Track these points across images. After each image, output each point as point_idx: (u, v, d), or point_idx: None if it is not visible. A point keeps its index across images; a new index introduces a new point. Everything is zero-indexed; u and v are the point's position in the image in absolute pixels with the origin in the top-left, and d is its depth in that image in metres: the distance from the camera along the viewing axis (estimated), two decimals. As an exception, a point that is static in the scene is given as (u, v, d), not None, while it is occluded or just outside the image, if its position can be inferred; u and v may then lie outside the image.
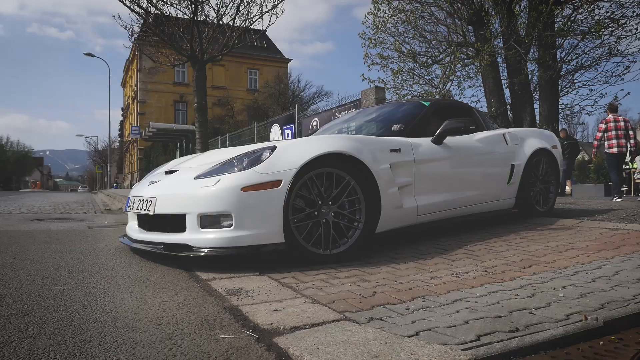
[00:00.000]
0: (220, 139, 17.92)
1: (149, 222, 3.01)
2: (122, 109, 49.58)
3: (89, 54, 29.56)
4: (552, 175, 4.68)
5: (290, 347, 1.40)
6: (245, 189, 2.56)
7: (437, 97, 11.87)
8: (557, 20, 10.67)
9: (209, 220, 2.62)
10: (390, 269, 2.58)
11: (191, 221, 2.64)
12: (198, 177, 2.77)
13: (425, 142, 3.49)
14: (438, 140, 3.56)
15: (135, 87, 36.26)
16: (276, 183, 2.61)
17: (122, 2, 9.46)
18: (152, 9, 9.93)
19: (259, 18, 10.40)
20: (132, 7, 9.56)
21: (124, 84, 47.31)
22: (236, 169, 2.67)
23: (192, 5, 9.76)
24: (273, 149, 2.76)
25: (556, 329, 1.52)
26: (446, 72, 11.69)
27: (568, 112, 11.86)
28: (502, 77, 11.39)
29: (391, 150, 3.16)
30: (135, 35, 11.06)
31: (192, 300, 2.02)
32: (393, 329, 1.55)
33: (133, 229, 3.17)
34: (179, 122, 34.06)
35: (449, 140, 3.65)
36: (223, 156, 3.03)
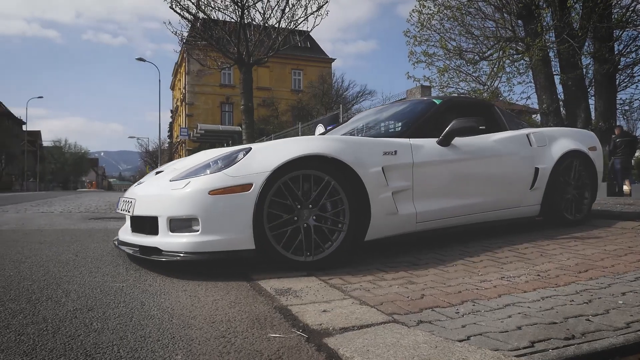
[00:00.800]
0: (265, 140, 18.22)
1: (133, 223, 2.94)
2: (171, 111, 51.24)
3: (140, 59, 30.72)
4: (586, 180, 4.23)
5: (340, 348, 1.42)
6: (213, 192, 2.47)
7: (484, 94, 11.58)
8: (615, 11, 10.16)
9: (177, 224, 2.56)
10: (438, 271, 2.55)
11: (162, 224, 2.59)
12: (173, 179, 2.71)
13: (429, 143, 3.25)
14: (445, 141, 3.29)
15: (183, 90, 37.41)
16: (246, 187, 2.49)
17: (173, 9, 9.80)
18: (201, 15, 10.22)
19: (303, 20, 10.51)
20: (182, 13, 9.88)
21: (172, 87, 48.89)
22: (208, 171, 2.60)
23: (239, 9, 9.98)
24: (247, 150, 2.66)
25: (615, 338, 1.46)
26: (494, 69, 11.37)
27: (627, 107, 11.28)
28: (554, 73, 10.96)
29: (385, 153, 2.95)
30: (184, 40, 11.41)
31: (242, 299, 2.08)
32: (443, 333, 1.54)
33: (125, 230, 3.11)
34: (225, 123, 34.86)
35: (458, 141, 3.37)
36: (210, 157, 2.89)
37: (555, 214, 4.02)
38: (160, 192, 2.70)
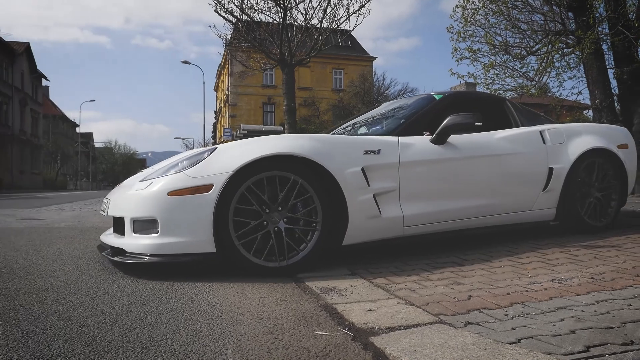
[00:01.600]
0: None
1: (113, 224, 2.90)
2: (215, 112, 52.43)
3: (185, 62, 31.61)
4: (613, 181, 3.80)
5: (387, 348, 1.42)
6: (172, 193, 2.42)
7: (532, 90, 11.20)
8: (676, -1, 9.59)
9: (140, 225, 2.53)
10: (485, 272, 2.50)
11: (127, 225, 2.57)
12: (142, 179, 2.67)
13: (421, 141, 3.04)
14: (439, 139, 3.05)
15: (226, 91, 38.19)
16: (206, 188, 2.41)
17: (217, 12, 10.03)
18: (244, 17, 10.42)
19: (345, 19, 10.51)
20: (226, 16, 10.11)
21: (216, 89, 50.01)
22: (172, 171, 2.55)
23: (282, 10, 10.10)
24: (212, 150, 2.60)
25: (679, 345, 1.39)
26: (543, 64, 10.98)
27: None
28: (607, 67, 10.45)
29: (367, 152, 2.78)
30: (228, 42, 11.66)
31: (288, 297, 2.12)
32: (492, 335, 1.51)
33: (107, 232, 3.07)
34: (267, 123, 35.33)
35: (456, 139, 3.13)
36: (182, 156, 2.81)
37: (574, 219, 3.61)
38: (127, 193, 2.68)
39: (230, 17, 10.18)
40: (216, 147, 2.62)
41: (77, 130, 51.65)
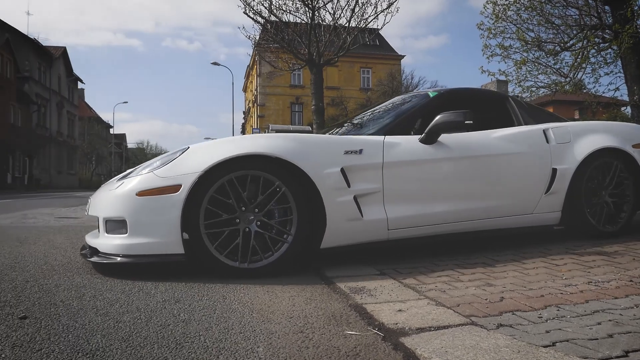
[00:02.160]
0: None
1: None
2: (244, 112, 53.00)
3: (215, 63, 32.03)
4: (627, 183, 3.52)
5: (418, 348, 1.41)
6: (140, 193, 2.41)
7: (566, 87, 10.90)
8: None
9: (112, 225, 2.52)
10: (518, 273, 2.45)
11: (101, 225, 2.58)
12: (119, 179, 2.67)
13: (408, 141, 2.91)
14: (428, 139, 2.90)
15: (255, 92, 38.56)
16: (175, 188, 2.38)
17: (246, 14, 10.16)
18: (272, 18, 10.51)
19: (374, 18, 10.48)
20: (254, 18, 10.22)
21: (245, 89, 50.54)
22: (145, 171, 2.53)
23: (310, 11, 10.14)
24: (184, 150, 2.57)
25: None
26: (578, 59, 10.68)
27: None
28: (647, 61, 10.07)
29: (347, 152, 2.68)
30: (255, 43, 11.77)
31: (318, 296, 2.13)
32: (525, 338, 1.49)
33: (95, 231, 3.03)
34: (295, 123, 35.50)
35: (448, 138, 2.97)
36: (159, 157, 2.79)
37: (581, 224, 3.37)
38: (104, 193, 2.69)
39: (259, 18, 10.31)
40: (188, 147, 2.60)
41: (111, 131, 53.08)
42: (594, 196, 3.44)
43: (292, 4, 10.09)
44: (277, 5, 10.11)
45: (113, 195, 2.53)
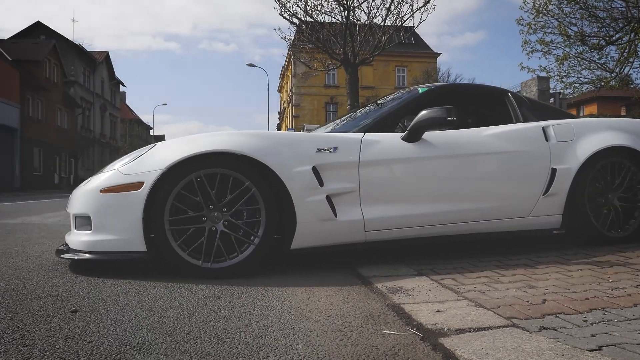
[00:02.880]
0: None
1: None
2: (279, 113, 53.49)
3: (251, 65, 32.46)
4: (639, 185, 3.25)
5: (457, 349, 1.40)
6: (104, 190, 2.41)
7: (612, 82, 10.49)
8: None
9: (80, 222, 2.54)
10: (561, 275, 2.38)
11: (71, 221, 2.62)
12: (96, 175, 2.65)
13: (390, 139, 2.79)
14: (410, 137, 2.77)
15: (290, 92, 38.86)
16: (137, 185, 2.36)
17: (282, 15, 10.25)
18: (308, 18, 10.58)
19: (410, 16, 10.39)
20: (290, 19, 10.31)
21: (280, 90, 51.01)
22: (114, 167, 2.53)
23: (345, 11, 10.15)
24: (151, 147, 2.56)
25: None
26: (624, 54, 10.26)
27: None
28: (700, 54, 9.58)
29: (320, 150, 2.60)
30: (291, 44, 11.87)
31: (355, 295, 2.14)
32: (569, 341, 1.45)
33: None
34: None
35: (434, 136, 2.83)
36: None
37: (584, 228, 3.13)
38: (77, 189, 2.69)
39: (295, 20, 10.39)
40: (155, 144, 2.60)
41: (151, 132, 54.68)
42: (601, 198, 3.19)
43: (327, 4, 10.16)
44: (313, 6, 10.20)
45: (81, 192, 2.56)
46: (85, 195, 2.50)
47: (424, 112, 2.71)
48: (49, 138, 29.11)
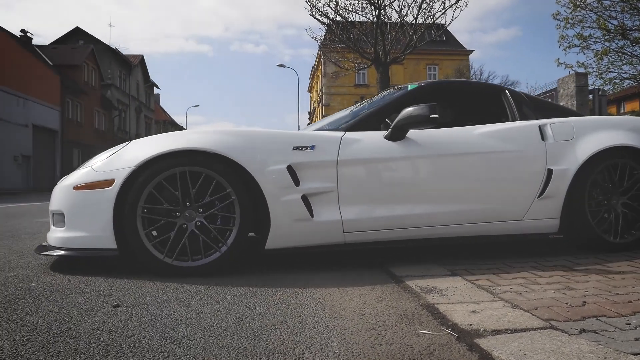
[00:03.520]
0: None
1: None
2: (309, 113, 53.66)
3: (281, 65, 32.71)
4: None
5: (494, 350, 1.38)
6: (77, 187, 2.43)
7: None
8: None
9: (56, 218, 2.57)
10: (601, 277, 2.32)
11: (50, 217, 2.64)
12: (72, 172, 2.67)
13: (372, 137, 2.71)
14: (394, 135, 2.68)
15: (320, 92, 38.96)
16: (108, 182, 2.37)
17: (313, 16, 10.30)
18: (338, 18, 10.60)
19: (442, 14, 10.26)
20: (321, 19, 10.35)
21: (310, 90, 51.20)
22: (88, 165, 2.55)
23: (376, 9, 10.11)
24: (126, 145, 2.57)
25: None
26: (668, 48, 9.83)
27: None
28: None
29: (297, 148, 2.54)
30: (320, 43, 11.91)
31: (388, 294, 2.14)
32: (612, 344, 1.41)
33: None
34: (360, 122, 35.44)
35: (421, 135, 2.74)
36: None
37: (583, 233, 2.94)
38: (56, 186, 2.70)
39: (325, 20, 10.43)
40: (129, 142, 2.61)
41: (184, 133, 55.67)
42: (603, 202, 3.00)
43: (358, 3, 10.15)
44: (343, 6, 10.19)
45: (57, 189, 2.61)
46: (60, 192, 2.55)
47: (406, 110, 2.63)
48: (88, 139, 30.14)
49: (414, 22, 10.51)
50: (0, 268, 2.62)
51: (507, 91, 3.24)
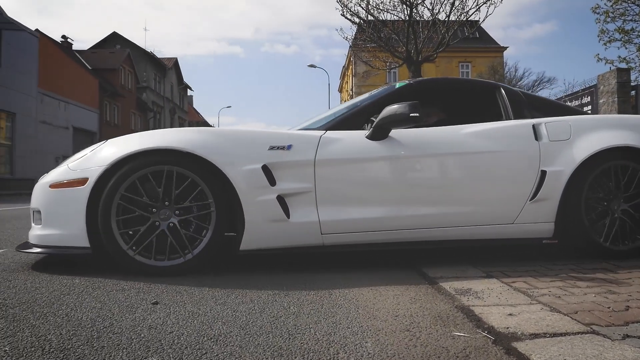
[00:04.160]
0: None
1: None
2: (340, 113, 53.60)
3: (312, 66, 32.82)
4: None
5: (533, 354, 1.36)
6: (53, 185, 2.45)
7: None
8: None
9: (35, 216, 2.59)
10: (646, 281, 2.23)
11: (30, 215, 2.65)
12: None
13: (352, 137, 2.64)
14: (375, 135, 2.61)
15: (350, 92, 38.85)
16: (82, 181, 2.38)
17: (344, 15, 10.30)
18: (370, 17, 10.56)
19: (475, 11, 10.09)
20: (352, 19, 10.34)
21: (340, 90, 51.12)
22: (66, 163, 2.56)
23: (407, 8, 10.02)
24: (101, 144, 2.57)
25: None
26: None
27: None
28: None
29: (273, 147, 2.50)
30: (350, 42, 11.89)
31: (422, 296, 2.12)
32: (657, 351, 1.36)
33: None
34: (391, 121, 35.17)
35: (404, 134, 2.65)
36: None
37: (579, 239, 2.78)
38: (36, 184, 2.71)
39: (356, 19, 10.41)
40: (105, 141, 2.62)
41: (217, 134, 56.66)
42: (601, 206, 2.82)
43: (390, 2, 10.08)
44: (374, 5, 10.15)
45: (36, 187, 2.63)
46: (38, 189, 2.59)
47: (387, 108, 2.56)
48: (124, 140, 30.97)
49: (446, 19, 10.38)
50: (44, 263, 2.73)
51: (502, 89, 3.12)
